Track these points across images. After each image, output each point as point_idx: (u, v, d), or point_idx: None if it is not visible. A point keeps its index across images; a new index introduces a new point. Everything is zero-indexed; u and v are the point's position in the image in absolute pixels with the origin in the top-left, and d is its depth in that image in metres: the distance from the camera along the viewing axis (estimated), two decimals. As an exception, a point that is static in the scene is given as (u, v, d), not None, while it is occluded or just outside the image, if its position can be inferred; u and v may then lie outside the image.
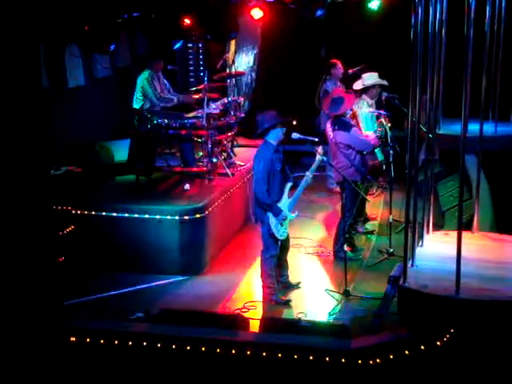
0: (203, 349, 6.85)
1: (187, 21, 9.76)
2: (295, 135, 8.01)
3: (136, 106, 10.27)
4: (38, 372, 6.69)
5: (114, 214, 8.96)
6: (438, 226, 8.48)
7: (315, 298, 8.21)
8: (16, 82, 6.28)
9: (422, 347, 6.36)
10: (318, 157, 7.80)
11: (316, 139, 8.07)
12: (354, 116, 9.47)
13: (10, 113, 6.21)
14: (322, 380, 6.64)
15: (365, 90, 9.88)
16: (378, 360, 6.48)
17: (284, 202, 7.80)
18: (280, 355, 6.69)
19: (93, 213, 9.02)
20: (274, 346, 6.78)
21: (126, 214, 8.93)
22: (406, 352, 6.42)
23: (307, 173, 7.81)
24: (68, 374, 6.99)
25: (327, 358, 6.57)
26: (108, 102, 11.50)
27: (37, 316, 6.70)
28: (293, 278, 8.43)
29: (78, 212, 9.02)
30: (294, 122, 8.26)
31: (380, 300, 7.31)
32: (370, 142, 8.96)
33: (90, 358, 7.11)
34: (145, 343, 6.98)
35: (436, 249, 7.36)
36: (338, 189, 9.83)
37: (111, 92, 11.61)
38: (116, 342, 7.03)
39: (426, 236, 7.55)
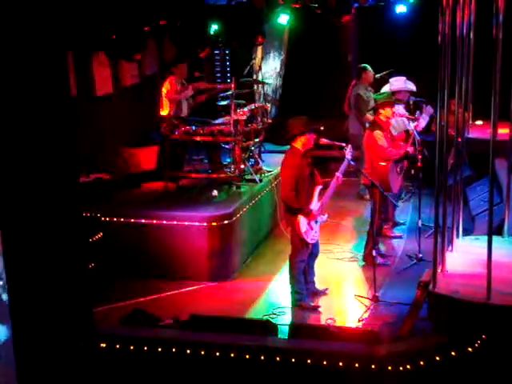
0: (232, 355, 6.84)
1: (214, 28, 9.77)
2: (323, 140, 8.00)
3: (163, 112, 10.31)
4: (68, 378, 6.72)
5: (143, 221, 8.99)
6: (468, 231, 8.39)
7: (344, 303, 8.19)
8: (44, 90, 6.32)
9: (453, 353, 6.29)
10: (348, 156, 7.79)
11: (343, 144, 8.03)
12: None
13: (38, 121, 6.25)
14: (352, 385, 6.61)
15: (392, 95, 9.81)
16: (408, 366, 6.41)
17: (313, 206, 7.78)
18: (309, 361, 6.66)
19: (121, 220, 9.07)
20: (303, 352, 6.75)
21: (155, 221, 8.96)
22: (437, 358, 6.34)
23: (336, 174, 7.80)
24: (97, 381, 7.03)
25: (357, 365, 6.52)
26: (136, 109, 11.56)
27: (67, 322, 6.73)
28: (322, 283, 8.39)
29: (107, 219, 9.07)
30: (322, 128, 8.22)
31: (409, 305, 7.25)
32: (389, 151, 8.81)
33: (119, 365, 7.14)
34: (174, 349, 6.99)
35: (466, 254, 7.29)
36: (368, 196, 9.79)
37: (139, 99, 11.67)
38: (145, 349, 7.05)
39: (455, 241, 7.47)
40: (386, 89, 10.10)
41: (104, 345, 7.11)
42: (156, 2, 9.37)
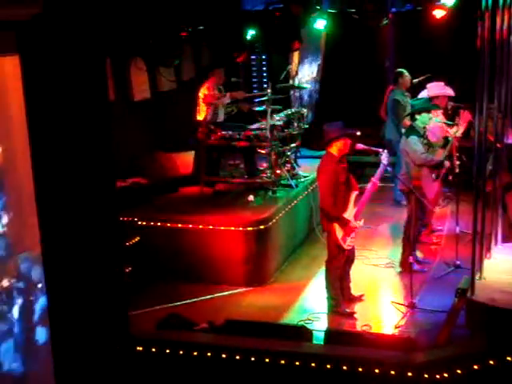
0: (267, 360, 6.84)
1: (251, 33, 9.79)
2: (359, 146, 7.97)
3: (199, 118, 10.35)
4: (104, 380, 6.78)
5: (179, 225, 9.04)
6: (507, 238, 8.29)
7: (380, 310, 8.14)
8: (83, 95, 6.40)
9: (492, 362, 6.22)
10: (384, 162, 7.75)
11: (380, 150, 7.99)
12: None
13: (77, 126, 6.33)
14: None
15: (430, 100, 9.74)
16: (445, 375, 6.35)
17: (350, 212, 7.75)
18: (345, 368, 6.63)
19: (158, 224, 9.13)
20: (339, 358, 6.72)
21: (191, 226, 9.00)
22: (475, 367, 6.28)
23: (372, 179, 7.78)
24: (133, 384, 7.09)
25: (392, 372, 6.48)
26: (173, 114, 11.63)
27: (104, 325, 6.79)
28: (358, 289, 8.35)
29: (144, 223, 9.14)
30: (359, 133, 8.19)
31: (447, 313, 7.18)
32: (425, 157, 8.72)
33: (155, 368, 7.18)
34: (209, 354, 7.01)
35: (505, 261, 7.21)
36: (404, 202, 9.72)
37: (176, 104, 11.74)
38: (181, 352, 7.09)
39: (494, 248, 7.40)
40: (423, 94, 10.02)
41: (140, 348, 7.16)
42: (193, 7, 9.42)
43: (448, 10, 11.09)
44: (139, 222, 9.14)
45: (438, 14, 11.28)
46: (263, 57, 13.05)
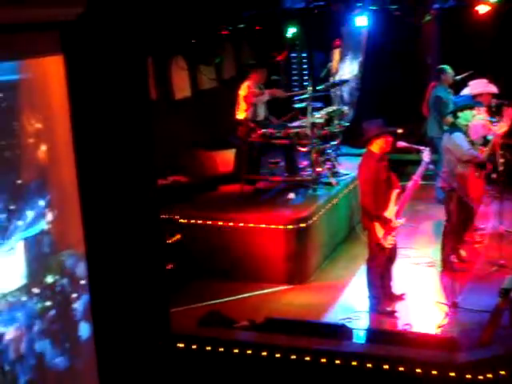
0: (308, 358, 6.85)
1: (291, 31, 9.79)
2: (400, 143, 7.91)
3: (240, 116, 10.38)
4: (146, 376, 6.84)
5: (220, 223, 9.08)
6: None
7: (422, 309, 8.06)
8: (125, 94, 6.46)
9: (536, 363, 6.14)
10: (426, 159, 7.68)
11: (421, 147, 7.92)
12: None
13: (119, 125, 6.40)
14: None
15: (473, 98, 9.63)
16: (488, 375, 6.29)
17: (391, 210, 7.70)
18: (386, 367, 6.61)
19: (199, 222, 9.18)
20: (380, 357, 6.70)
21: (231, 224, 9.03)
22: (519, 368, 6.23)
23: (413, 177, 7.72)
24: (174, 380, 7.13)
25: (434, 372, 6.44)
26: (213, 112, 11.67)
27: (145, 322, 6.86)
28: (399, 288, 8.30)
29: (185, 221, 9.20)
30: (400, 131, 8.14)
31: (490, 313, 7.10)
32: (469, 153, 8.61)
33: (195, 365, 7.24)
34: (249, 351, 7.04)
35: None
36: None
37: (216, 103, 11.78)
38: (221, 350, 7.13)
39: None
40: (466, 91, 9.91)
41: (181, 345, 7.23)
42: (234, 6, 9.46)
43: (492, 5, 10.94)
44: (180, 220, 9.21)
45: (482, 9, 11.15)
46: (303, 55, 13.02)
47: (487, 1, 10.75)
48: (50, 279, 5.81)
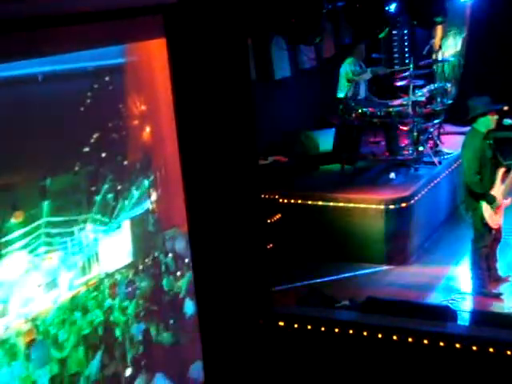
0: (410, 340, 6.79)
1: (392, 8, 9.61)
2: (506, 121, 7.70)
3: (340, 94, 10.30)
4: (248, 353, 6.95)
5: (320, 203, 9.08)
6: None
7: (528, 291, 7.86)
8: (226, 75, 6.53)
9: None
10: None
11: (529, 124, 7.69)
12: None
13: (220, 105, 6.48)
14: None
15: None
16: None
17: (497, 190, 7.51)
18: (491, 350, 6.48)
19: (299, 201, 9.20)
20: (486, 340, 6.57)
21: (331, 203, 9.02)
22: None
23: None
24: (275, 357, 7.21)
25: (545, 356, 6.28)
26: (313, 91, 11.63)
27: (247, 300, 6.95)
28: (504, 270, 8.10)
29: (285, 201, 9.24)
30: (506, 108, 7.91)
31: None
32: None
33: (296, 343, 7.28)
34: (351, 331, 7.03)
35: None
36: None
37: (316, 82, 11.73)
38: (322, 329, 7.14)
39: None
40: None
41: (282, 323, 7.28)
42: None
43: None
44: (280, 200, 9.24)
45: None
46: (405, 31, 12.79)
47: None
48: (155, 257, 5.97)
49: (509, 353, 6.38)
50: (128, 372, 5.69)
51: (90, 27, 5.09)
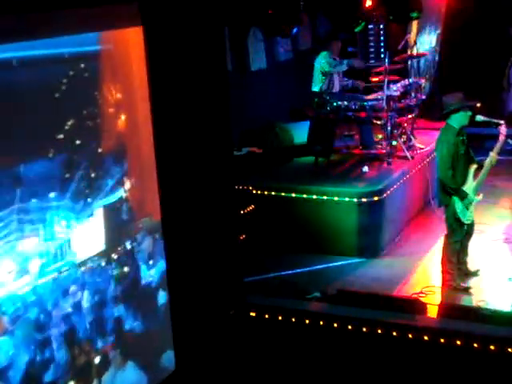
0: (379, 331, 6.85)
1: (369, 2, 9.65)
2: (479, 117, 7.77)
3: (315, 88, 10.32)
4: (219, 343, 6.97)
5: (293, 195, 9.11)
6: None
7: (497, 286, 7.95)
8: (202, 65, 6.53)
9: None
10: (501, 138, 7.54)
11: (501, 121, 7.76)
12: None
13: (196, 95, 6.47)
14: (504, 372, 6.44)
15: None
16: None
17: (469, 186, 7.59)
18: (459, 343, 6.56)
19: (272, 193, 9.23)
20: (453, 333, 6.66)
21: (305, 195, 9.05)
22: None
23: (491, 153, 7.58)
24: (246, 347, 7.24)
25: (510, 349, 6.36)
26: (288, 84, 11.65)
27: (219, 290, 6.97)
28: (474, 264, 8.19)
29: (258, 192, 9.25)
30: (479, 105, 7.99)
31: None
32: None
33: (267, 334, 7.32)
34: (321, 322, 7.09)
35: None
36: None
37: (291, 74, 11.75)
38: (293, 320, 7.19)
39: None
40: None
41: (253, 314, 7.31)
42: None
43: None
44: (254, 191, 9.26)
45: None
46: (381, 26, 12.84)
47: None
48: (128, 245, 5.95)
49: (476, 345, 6.47)
50: (98, 360, 5.68)
51: (67, 13, 5.05)
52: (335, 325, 7.05)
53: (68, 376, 5.38)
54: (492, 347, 6.44)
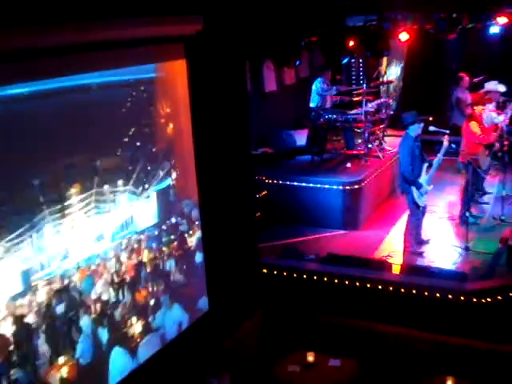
0: (358, 284, 6.84)
1: (352, 42, 9.57)
2: (431, 128, 7.71)
3: (312, 105, 10.25)
4: (240, 292, 6.97)
5: (295, 183, 9.06)
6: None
7: (442, 251, 7.90)
8: (229, 88, 6.50)
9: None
10: (445, 143, 7.50)
11: (447, 131, 7.70)
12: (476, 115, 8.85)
13: (225, 109, 6.45)
14: (445, 312, 6.44)
15: (485, 94, 9.24)
16: (489, 299, 6.19)
17: (423, 178, 7.55)
18: (414, 292, 6.56)
19: (280, 182, 9.19)
20: (410, 285, 6.64)
21: (304, 184, 9.00)
22: (511, 294, 6.07)
23: (438, 155, 7.53)
24: (260, 296, 7.25)
25: (450, 296, 6.36)
26: (292, 102, 11.57)
27: (240, 253, 6.97)
28: (427, 235, 8.15)
29: (270, 181, 9.22)
30: (431, 119, 7.92)
31: (492, 255, 6.92)
32: (480, 138, 8.33)
33: (275, 285, 7.32)
34: (315, 277, 7.08)
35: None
36: (464, 171, 9.31)
37: (295, 95, 11.66)
38: (294, 275, 7.19)
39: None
40: (488, 87, 9.43)
41: (265, 271, 7.31)
42: (310, 25, 9.30)
43: (501, 27, 10.14)
44: (266, 181, 9.22)
45: (494, 30, 10.30)
46: (360, 60, 12.74)
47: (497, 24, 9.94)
48: (173, 220, 5.96)
49: (426, 294, 6.46)
50: (153, 302, 5.71)
51: (133, 50, 5.07)
52: (325, 279, 7.05)
53: (132, 313, 5.42)
54: (438, 295, 6.44)
